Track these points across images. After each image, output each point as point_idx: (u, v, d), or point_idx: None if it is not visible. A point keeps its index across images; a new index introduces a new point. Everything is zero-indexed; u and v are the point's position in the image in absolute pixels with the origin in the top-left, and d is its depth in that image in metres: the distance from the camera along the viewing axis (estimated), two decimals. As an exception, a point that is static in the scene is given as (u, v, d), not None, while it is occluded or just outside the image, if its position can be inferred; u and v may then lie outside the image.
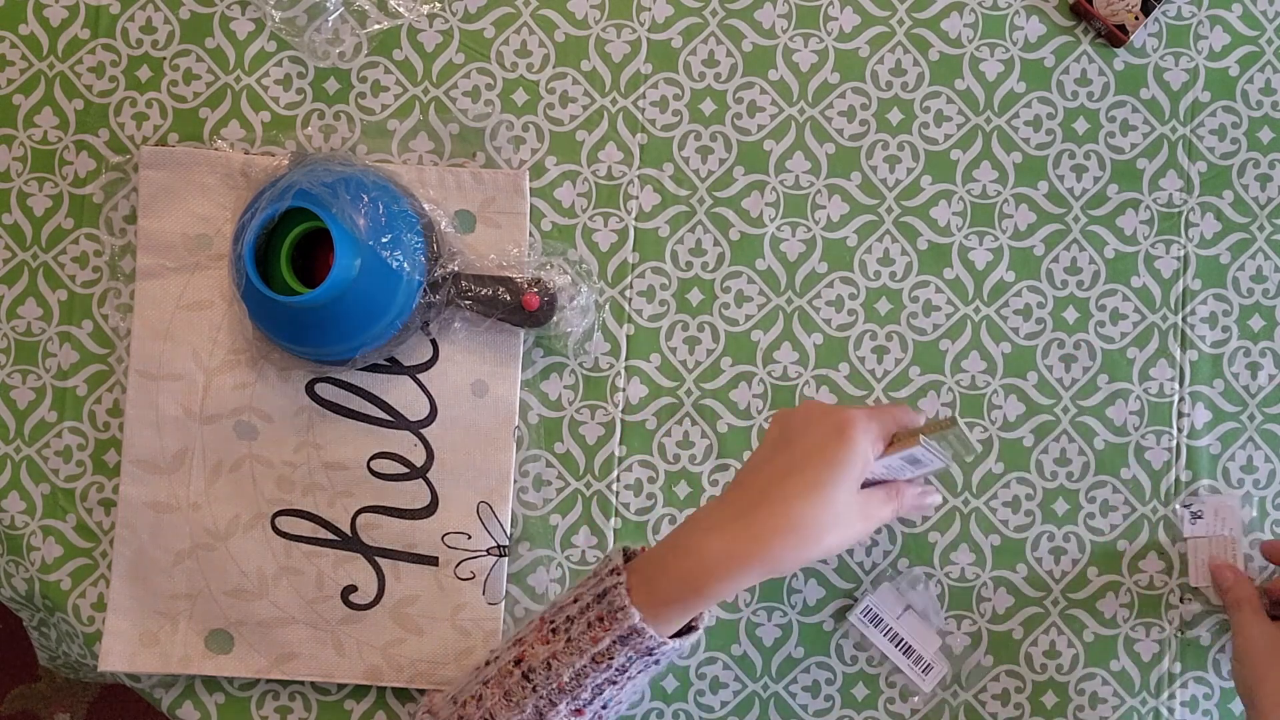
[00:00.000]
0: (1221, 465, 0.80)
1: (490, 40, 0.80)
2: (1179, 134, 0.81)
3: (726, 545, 0.59)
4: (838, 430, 0.61)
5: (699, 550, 0.59)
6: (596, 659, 0.59)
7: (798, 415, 0.64)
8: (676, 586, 0.59)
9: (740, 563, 0.58)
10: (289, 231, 0.72)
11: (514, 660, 0.61)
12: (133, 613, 0.76)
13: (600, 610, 0.59)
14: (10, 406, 0.78)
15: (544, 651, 0.60)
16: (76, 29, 0.80)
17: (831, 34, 0.81)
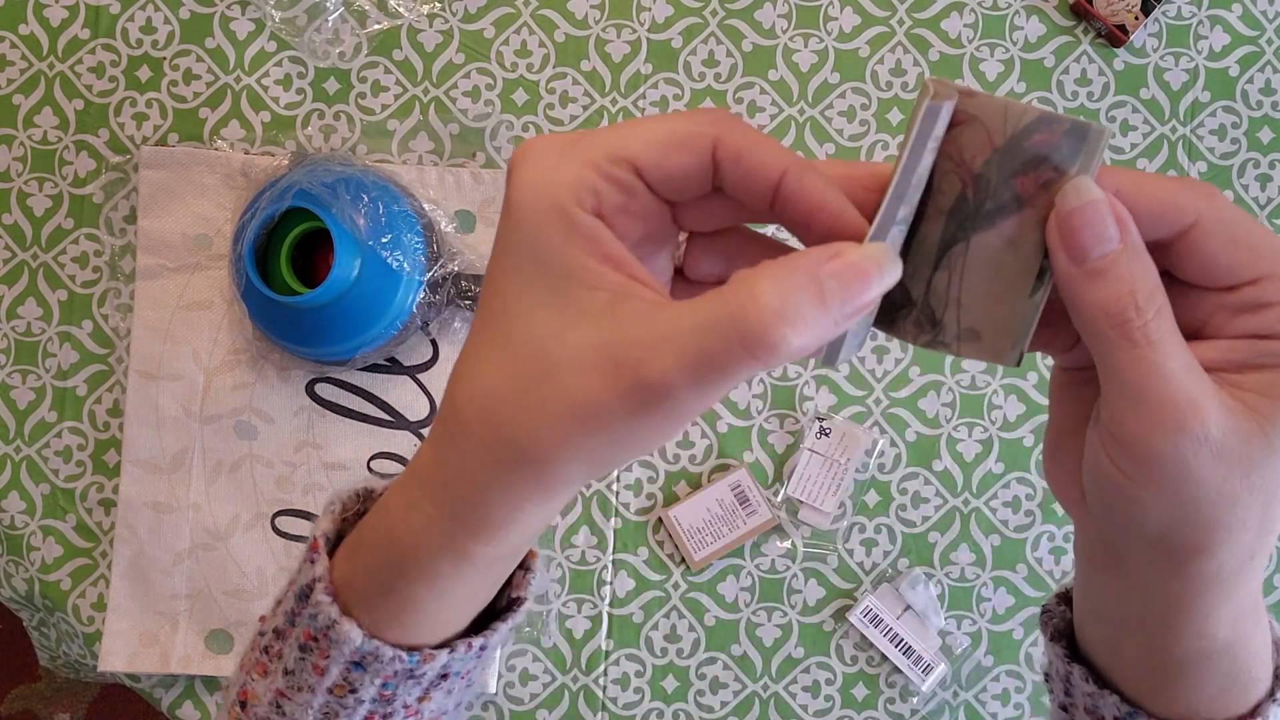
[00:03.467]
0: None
1: (490, 40, 0.80)
2: (1179, 134, 0.81)
3: (409, 498, 0.34)
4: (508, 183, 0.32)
5: (387, 506, 0.35)
6: (335, 692, 0.36)
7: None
8: (375, 571, 0.35)
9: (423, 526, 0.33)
10: (289, 231, 0.72)
11: (238, 701, 0.39)
12: (133, 613, 0.76)
13: (307, 626, 0.36)
14: (10, 406, 0.78)
15: (264, 688, 0.38)
16: (76, 29, 0.80)
17: (831, 34, 0.81)
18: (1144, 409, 0.30)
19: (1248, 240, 0.30)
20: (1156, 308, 0.30)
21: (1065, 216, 0.30)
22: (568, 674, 0.78)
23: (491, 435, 0.30)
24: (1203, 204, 0.30)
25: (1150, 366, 0.29)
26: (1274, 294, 0.30)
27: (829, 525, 0.78)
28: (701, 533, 0.77)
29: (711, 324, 0.28)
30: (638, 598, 0.78)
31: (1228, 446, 0.29)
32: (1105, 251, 0.30)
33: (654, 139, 0.30)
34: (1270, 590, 0.80)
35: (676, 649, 0.78)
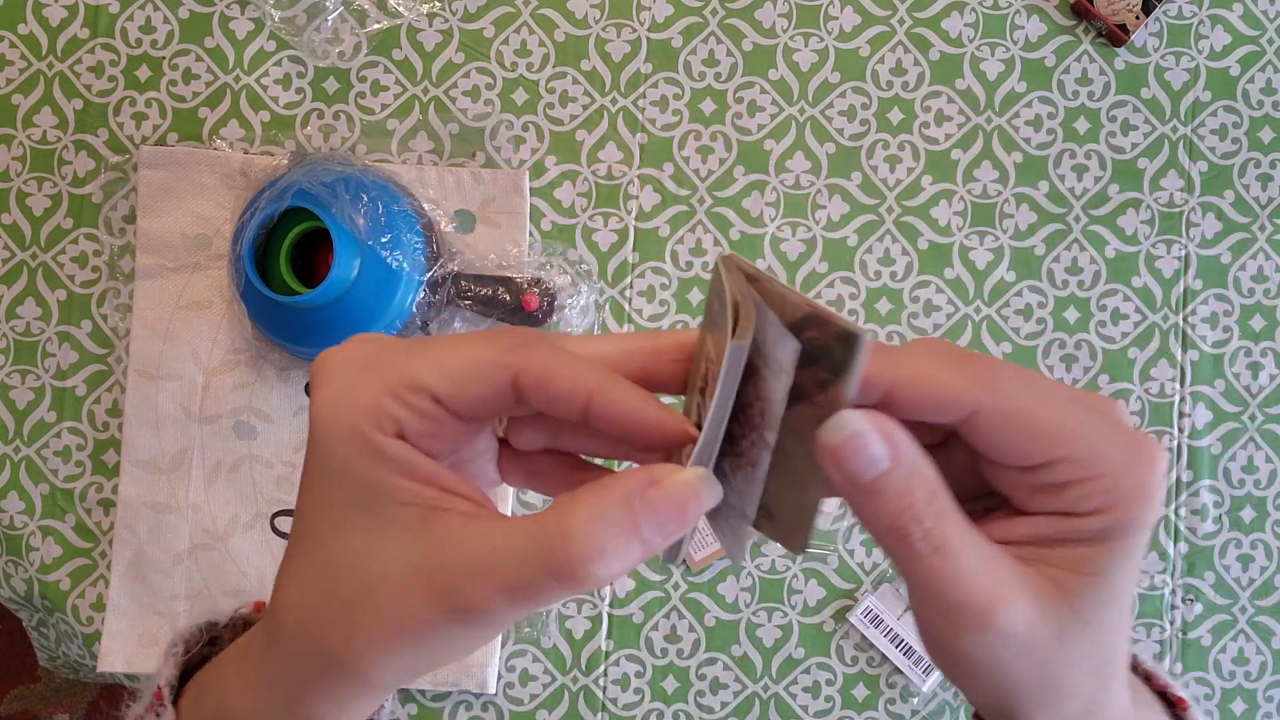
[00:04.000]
0: (1223, 466, 0.79)
1: (490, 40, 0.80)
2: (1180, 134, 0.81)
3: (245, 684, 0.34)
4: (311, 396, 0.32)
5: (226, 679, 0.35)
6: None
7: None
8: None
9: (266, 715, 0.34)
10: (288, 231, 0.72)
11: None
12: (132, 613, 0.76)
13: None
14: (9, 406, 0.78)
15: None
16: (76, 28, 0.80)
17: (832, 33, 0.80)
18: (946, 615, 0.29)
19: (1035, 427, 0.29)
20: (936, 511, 0.29)
21: (830, 451, 0.28)
22: (567, 674, 0.78)
23: (312, 648, 0.31)
24: (982, 394, 0.29)
25: (941, 573, 0.29)
26: (1069, 474, 0.29)
27: (829, 525, 0.78)
28: (702, 533, 0.77)
29: (524, 557, 0.28)
30: (638, 598, 0.78)
31: (1036, 633, 0.29)
32: (877, 473, 0.28)
33: (450, 369, 0.30)
34: (1271, 591, 0.79)
35: (677, 649, 0.78)
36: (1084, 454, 0.28)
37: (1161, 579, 0.79)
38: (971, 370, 0.29)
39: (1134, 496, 0.28)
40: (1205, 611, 0.79)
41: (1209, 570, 0.79)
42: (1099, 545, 0.29)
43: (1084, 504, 0.29)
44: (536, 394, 0.30)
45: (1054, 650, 0.29)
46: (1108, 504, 0.28)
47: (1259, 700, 0.79)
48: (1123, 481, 0.28)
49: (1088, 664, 0.30)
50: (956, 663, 0.30)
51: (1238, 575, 0.79)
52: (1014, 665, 0.29)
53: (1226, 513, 0.79)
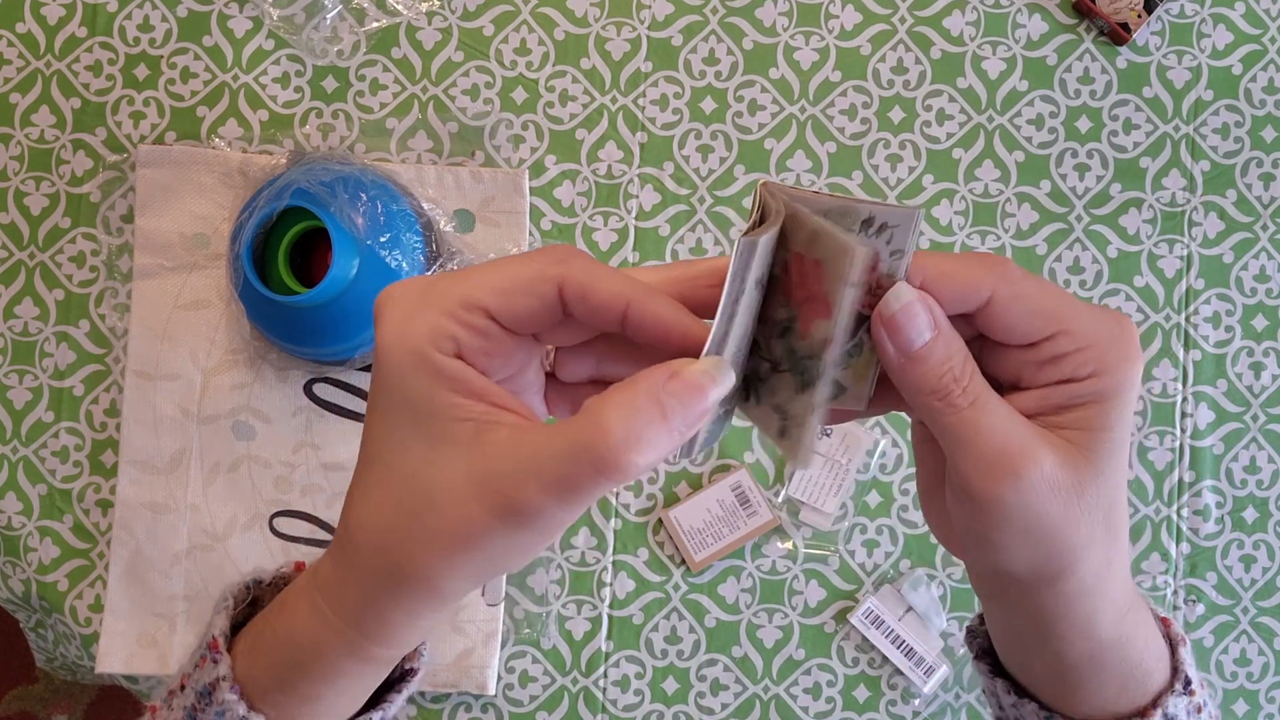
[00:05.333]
0: (1225, 466, 0.79)
1: (489, 38, 0.80)
2: (1182, 133, 0.81)
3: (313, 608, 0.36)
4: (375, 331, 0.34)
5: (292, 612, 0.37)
6: None
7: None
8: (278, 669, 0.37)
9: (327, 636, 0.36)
10: (287, 231, 0.71)
11: None
12: (130, 614, 0.76)
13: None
14: (7, 407, 0.78)
15: None
16: (74, 27, 0.79)
17: (833, 32, 0.80)
18: (983, 463, 0.34)
19: (1038, 305, 0.34)
20: (970, 374, 0.34)
21: (889, 319, 0.34)
22: (567, 676, 0.77)
23: (384, 562, 0.34)
24: (996, 281, 0.34)
25: (978, 425, 0.34)
26: (1067, 345, 0.34)
27: (830, 526, 0.78)
28: (702, 534, 0.77)
29: (568, 453, 0.31)
30: (638, 599, 0.78)
31: (1061, 479, 0.34)
32: (924, 341, 0.34)
33: (500, 286, 0.33)
34: (1273, 592, 0.79)
35: (677, 650, 0.77)
36: (1078, 328, 0.34)
37: (1164, 579, 0.79)
38: (988, 264, 0.34)
39: (1121, 359, 0.34)
40: (1207, 612, 0.79)
41: (1211, 571, 0.79)
42: (1098, 404, 0.34)
43: (1082, 369, 0.34)
44: (579, 304, 0.34)
45: (1075, 497, 0.34)
46: (1101, 368, 0.34)
47: (1261, 701, 0.79)
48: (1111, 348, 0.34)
49: (1102, 512, 0.35)
50: (991, 512, 0.34)
51: (1240, 576, 0.79)
52: (1044, 510, 0.34)
53: (1229, 513, 0.79)
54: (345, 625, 0.35)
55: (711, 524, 0.77)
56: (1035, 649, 0.39)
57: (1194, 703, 0.40)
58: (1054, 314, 0.34)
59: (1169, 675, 0.40)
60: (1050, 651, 0.38)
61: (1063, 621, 0.37)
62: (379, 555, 0.34)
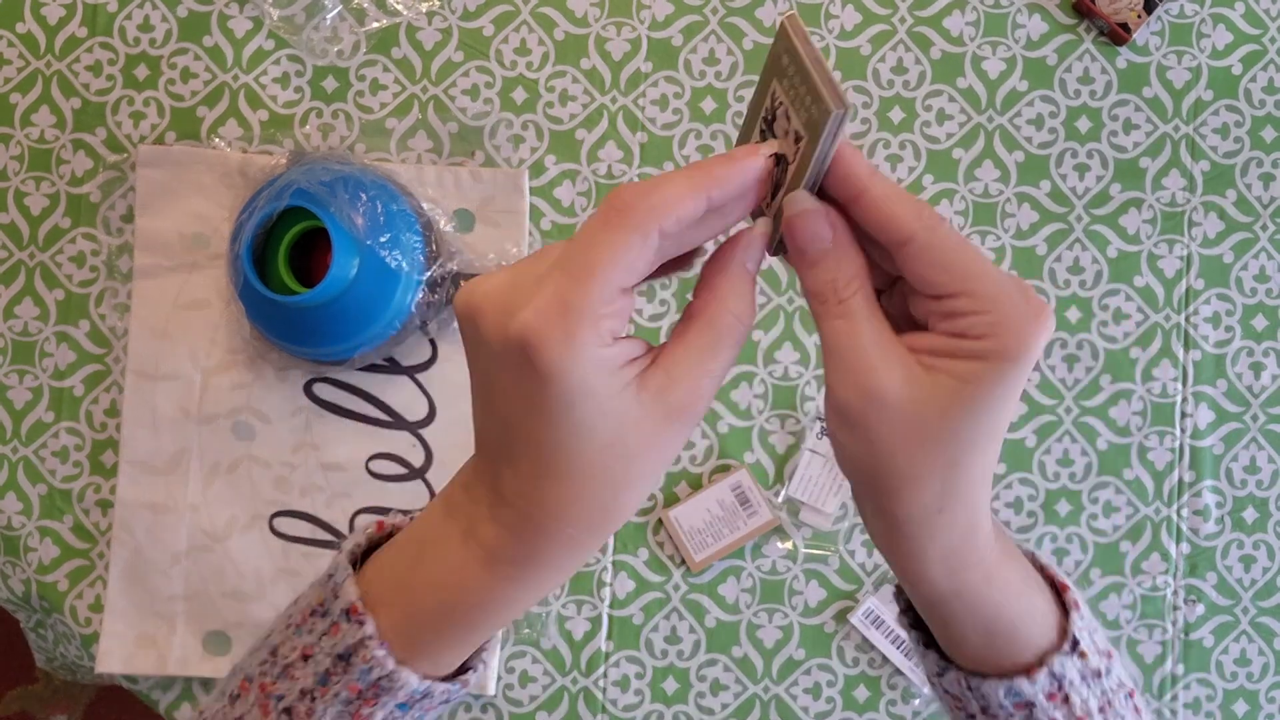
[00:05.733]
0: (1225, 466, 0.79)
1: (489, 38, 0.80)
2: (1182, 133, 0.81)
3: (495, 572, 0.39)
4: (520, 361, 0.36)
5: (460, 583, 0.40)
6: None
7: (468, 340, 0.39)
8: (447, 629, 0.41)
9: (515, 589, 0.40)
10: (287, 231, 0.71)
11: None
12: (130, 614, 0.76)
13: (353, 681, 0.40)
14: (7, 407, 0.78)
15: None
16: (74, 27, 0.79)
17: (833, 32, 0.80)
18: (841, 369, 0.37)
19: (949, 263, 0.36)
20: (854, 290, 0.37)
21: (788, 221, 0.37)
22: (567, 676, 0.77)
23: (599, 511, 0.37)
24: (918, 228, 0.36)
25: (841, 335, 0.37)
26: (965, 307, 0.36)
27: (830, 526, 0.78)
28: (702, 534, 0.77)
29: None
30: (638, 599, 0.78)
31: (903, 412, 0.36)
32: (819, 247, 0.37)
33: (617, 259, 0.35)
34: (1273, 592, 0.79)
35: (677, 651, 0.77)
36: (982, 292, 0.36)
37: (1164, 580, 0.79)
38: (921, 213, 0.36)
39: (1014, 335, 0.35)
40: (1207, 612, 0.79)
41: (1211, 571, 0.79)
42: (976, 362, 0.35)
43: (972, 330, 0.36)
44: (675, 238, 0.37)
45: (914, 433, 0.36)
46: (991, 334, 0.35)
47: (1261, 701, 0.79)
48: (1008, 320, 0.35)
49: (941, 460, 0.37)
50: (840, 415, 0.38)
51: (1240, 576, 0.79)
52: (880, 430, 0.37)
53: (1229, 513, 0.79)
54: (533, 574, 0.39)
55: (711, 524, 0.77)
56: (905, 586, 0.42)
57: (1088, 666, 0.41)
58: (963, 274, 0.36)
59: (1056, 637, 0.41)
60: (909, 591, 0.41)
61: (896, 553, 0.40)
62: (587, 509, 0.37)
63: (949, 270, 0.36)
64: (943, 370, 0.36)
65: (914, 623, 0.45)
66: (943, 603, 0.40)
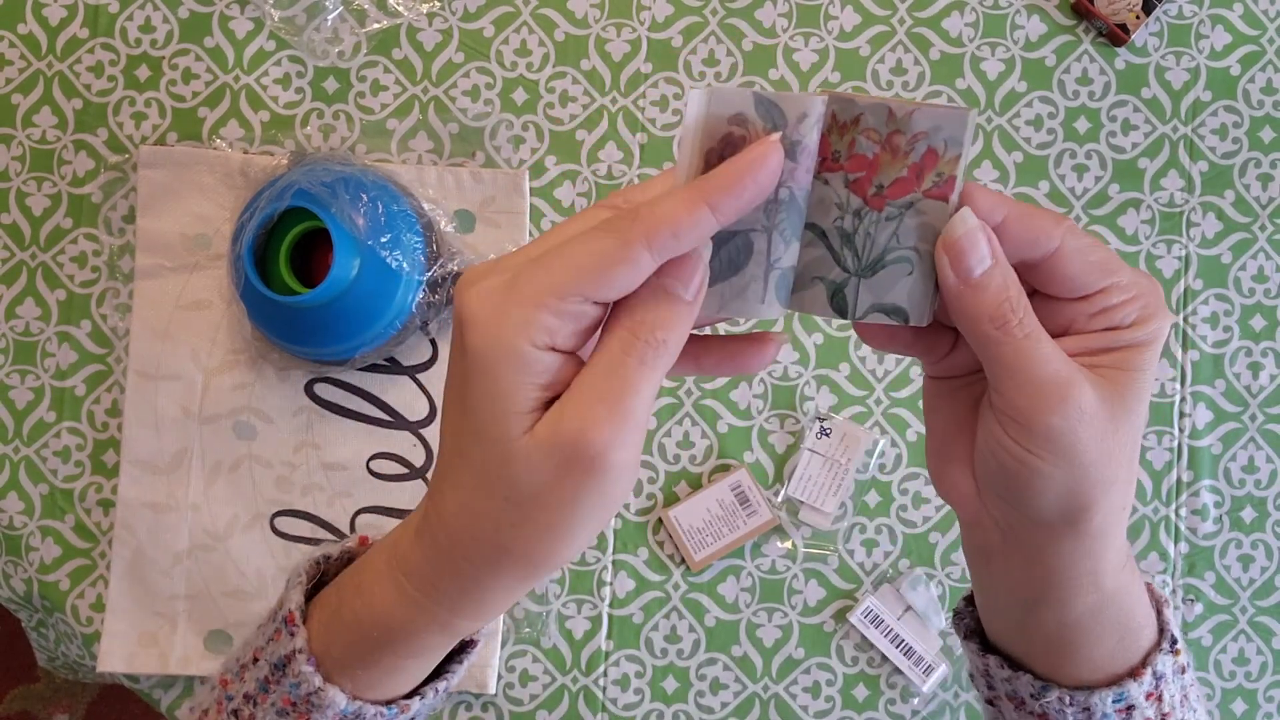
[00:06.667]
0: (1223, 465, 0.79)
1: (490, 39, 0.80)
2: (1180, 133, 0.81)
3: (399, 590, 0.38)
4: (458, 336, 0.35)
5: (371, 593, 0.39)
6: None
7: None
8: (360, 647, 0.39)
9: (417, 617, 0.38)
10: (288, 231, 0.72)
11: None
12: (131, 613, 0.76)
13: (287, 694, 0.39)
14: (9, 407, 0.78)
15: None
16: (75, 28, 0.79)
17: (832, 33, 0.80)
18: (1033, 390, 0.35)
19: (1096, 259, 0.36)
20: (1025, 307, 0.36)
21: (952, 243, 0.36)
22: (567, 675, 0.77)
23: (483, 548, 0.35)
24: (1064, 232, 0.36)
25: (1030, 354, 0.35)
26: (1118, 297, 0.36)
27: (830, 526, 0.78)
28: (702, 533, 0.77)
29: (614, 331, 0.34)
30: (638, 598, 0.78)
31: (1099, 412, 0.35)
32: (984, 268, 0.35)
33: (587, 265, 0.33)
34: (1271, 591, 0.79)
35: (677, 650, 0.78)
36: (1127, 280, 0.36)
37: (1162, 579, 0.79)
38: (1056, 216, 0.36)
39: (1158, 310, 0.36)
40: (1206, 611, 0.79)
41: (1209, 570, 0.79)
42: (1136, 349, 0.36)
43: (1129, 318, 0.36)
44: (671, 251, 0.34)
45: (1110, 431, 0.36)
46: (1144, 316, 0.36)
47: (1259, 700, 0.79)
48: (1151, 301, 0.36)
49: (1128, 451, 0.36)
50: (1039, 437, 0.35)
51: (1238, 575, 0.79)
52: (1084, 439, 0.35)
53: (1227, 513, 0.79)
54: (437, 606, 0.37)
55: (711, 523, 0.77)
56: (1039, 612, 0.40)
57: (1179, 663, 0.41)
58: (1107, 267, 0.36)
59: (1156, 634, 0.41)
60: (1053, 610, 0.39)
61: (1074, 568, 0.38)
62: (477, 542, 0.35)
63: (1097, 267, 0.36)
64: (1105, 365, 0.36)
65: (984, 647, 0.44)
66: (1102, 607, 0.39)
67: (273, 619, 0.41)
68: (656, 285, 0.34)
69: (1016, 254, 0.36)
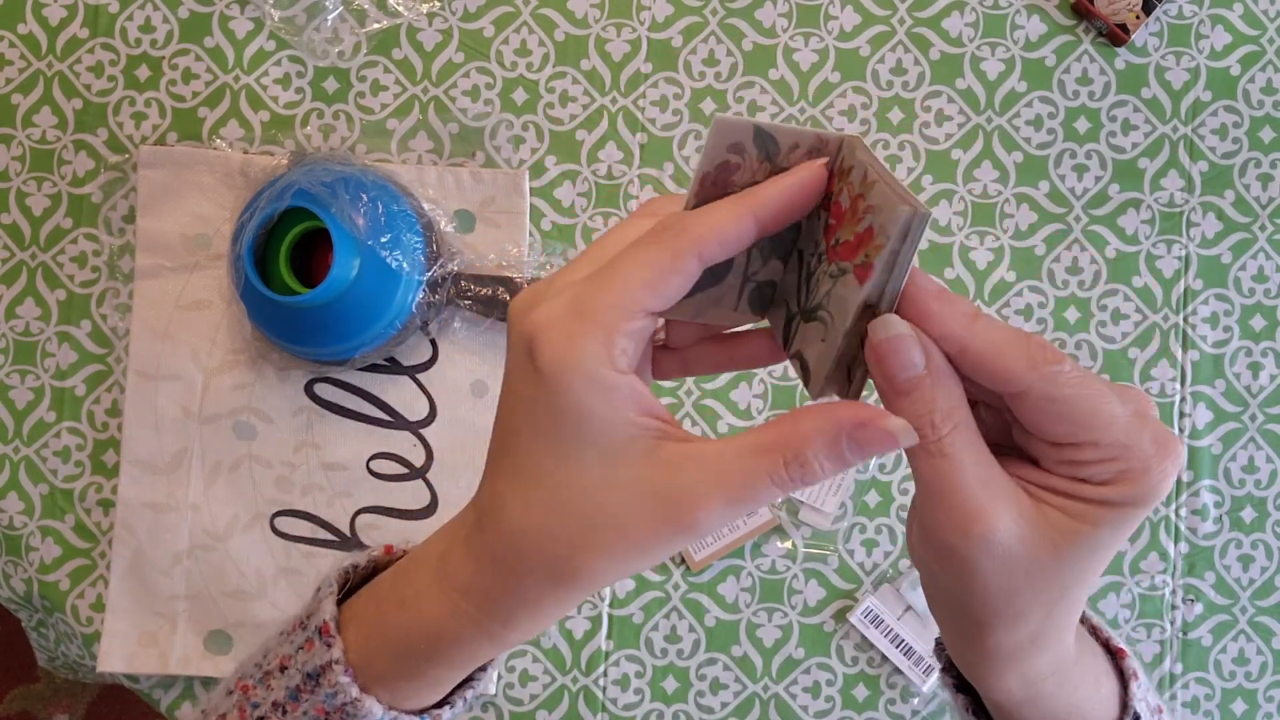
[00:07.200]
0: (1223, 465, 0.79)
1: (490, 39, 0.80)
2: (1180, 133, 0.81)
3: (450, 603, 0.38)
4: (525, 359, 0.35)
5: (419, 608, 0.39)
6: None
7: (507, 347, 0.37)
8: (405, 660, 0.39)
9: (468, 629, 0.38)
10: (288, 231, 0.72)
11: None
12: (131, 613, 0.76)
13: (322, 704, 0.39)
14: (9, 407, 0.78)
15: None
16: (75, 28, 0.79)
17: (832, 33, 0.80)
18: (940, 509, 0.34)
19: (1071, 415, 0.33)
20: (953, 425, 0.33)
21: (875, 346, 0.34)
22: (567, 675, 0.77)
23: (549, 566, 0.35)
24: (1035, 379, 0.33)
25: (943, 475, 0.33)
26: (1091, 455, 0.33)
27: (830, 526, 0.78)
28: (702, 533, 0.77)
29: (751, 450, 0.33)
30: (638, 598, 0.78)
31: (1012, 552, 0.33)
32: (909, 376, 0.33)
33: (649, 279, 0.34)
34: (1271, 591, 0.79)
35: (677, 650, 0.78)
36: (1109, 440, 0.33)
37: (1162, 579, 0.79)
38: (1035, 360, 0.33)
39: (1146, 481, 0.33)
40: (1206, 612, 0.79)
41: (1209, 570, 0.79)
42: (1099, 507, 0.33)
43: (1099, 476, 0.33)
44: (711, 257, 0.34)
45: (1020, 570, 0.34)
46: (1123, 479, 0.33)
47: (1259, 700, 0.79)
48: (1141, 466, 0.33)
49: (1046, 597, 0.34)
50: (939, 552, 0.34)
51: (1238, 575, 0.79)
52: (983, 570, 0.34)
53: (1227, 513, 0.79)
54: (490, 620, 0.37)
55: (711, 523, 0.77)
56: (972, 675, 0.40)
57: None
58: (1088, 424, 0.33)
59: (1118, 712, 0.40)
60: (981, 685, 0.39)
61: (975, 669, 0.38)
62: (547, 560, 0.35)
63: (1071, 420, 0.33)
64: (1056, 506, 0.34)
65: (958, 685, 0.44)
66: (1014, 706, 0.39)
67: (301, 627, 0.41)
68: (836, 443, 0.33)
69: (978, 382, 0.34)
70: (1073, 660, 0.38)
